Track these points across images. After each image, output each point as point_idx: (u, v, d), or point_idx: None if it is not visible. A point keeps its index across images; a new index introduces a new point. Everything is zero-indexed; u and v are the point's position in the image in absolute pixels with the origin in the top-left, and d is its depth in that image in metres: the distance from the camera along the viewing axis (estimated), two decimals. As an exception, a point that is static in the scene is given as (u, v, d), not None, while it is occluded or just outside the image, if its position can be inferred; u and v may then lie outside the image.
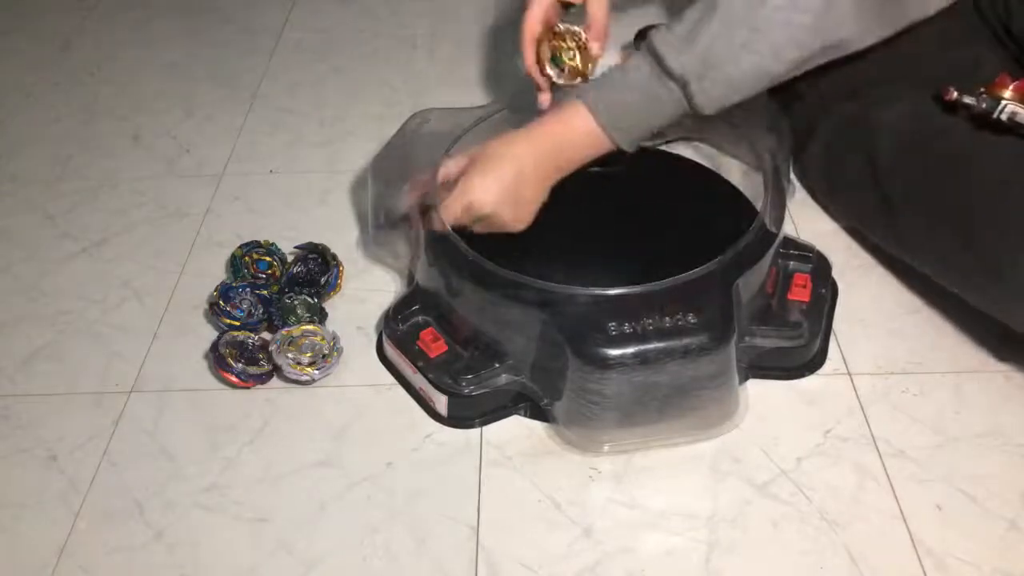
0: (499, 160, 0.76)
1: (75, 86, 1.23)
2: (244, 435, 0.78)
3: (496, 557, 0.68)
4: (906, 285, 0.87)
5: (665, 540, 0.69)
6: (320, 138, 1.11)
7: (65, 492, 0.74)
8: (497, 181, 0.76)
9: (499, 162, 0.76)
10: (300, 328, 0.82)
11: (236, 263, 0.90)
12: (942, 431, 0.75)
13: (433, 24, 1.32)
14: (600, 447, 0.74)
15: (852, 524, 0.69)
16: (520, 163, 0.76)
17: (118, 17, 1.38)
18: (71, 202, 1.04)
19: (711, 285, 0.73)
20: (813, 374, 0.80)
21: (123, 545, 0.71)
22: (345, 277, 0.91)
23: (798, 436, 0.75)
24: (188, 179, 1.06)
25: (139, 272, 0.94)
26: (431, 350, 0.77)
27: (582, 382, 0.71)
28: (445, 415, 0.77)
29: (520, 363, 0.76)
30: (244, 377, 0.80)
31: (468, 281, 0.75)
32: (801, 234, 0.91)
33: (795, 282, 0.81)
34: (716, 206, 0.86)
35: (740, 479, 0.73)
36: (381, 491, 0.73)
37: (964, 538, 0.68)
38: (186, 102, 1.19)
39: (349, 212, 1.00)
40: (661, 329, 0.70)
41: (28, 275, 0.95)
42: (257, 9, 1.38)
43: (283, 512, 0.72)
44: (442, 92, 1.18)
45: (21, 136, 1.15)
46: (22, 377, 0.84)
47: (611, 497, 0.72)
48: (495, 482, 0.73)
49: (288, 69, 1.25)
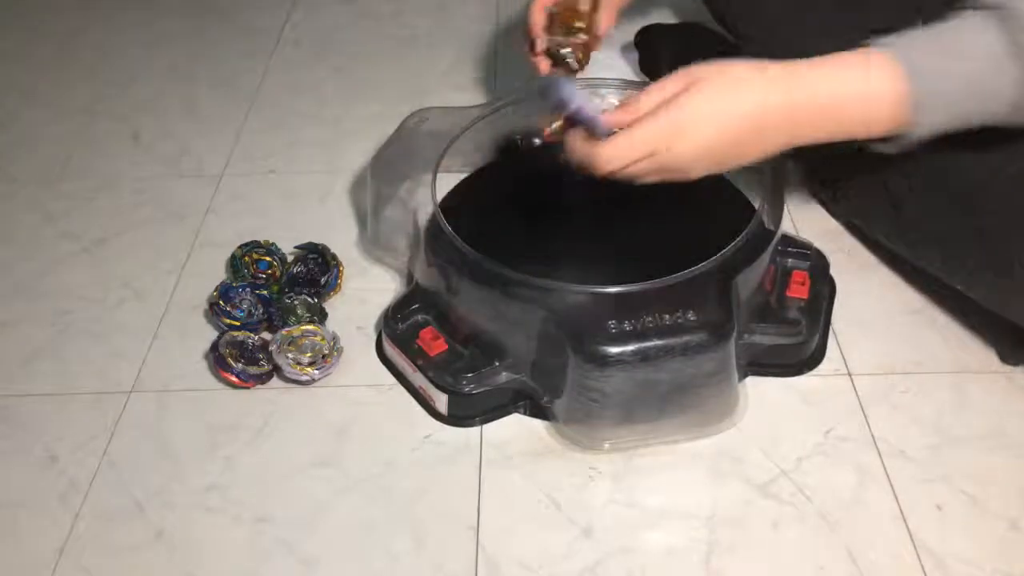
0: (730, 117, 0.57)
1: (75, 86, 1.23)
2: (244, 435, 0.78)
3: (496, 557, 0.68)
4: (906, 285, 0.87)
5: (665, 540, 0.69)
6: (320, 138, 1.11)
7: (65, 492, 0.74)
8: (712, 147, 0.57)
9: (729, 120, 0.57)
10: (300, 328, 0.82)
11: (236, 263, 0.90)
12: (942, 431, 0.75)
13: (433, 24, 1.32)
14: (600, 445, 0.75)
15: (852, 524, 0.69)
16: (757, 122, 0.57)
17: (118, 17, 1.38)
18: (71, 202, 1.04)
19: (710, 282, 0.73)
20: (813, 374, 0.80)
21: (123, 545, 0.71)
22: (345, 277, 0.91)
23: (798, 436, 0.75)
24: (188, 179, 1.06)
25: (139, 272, 0.94)
26: (431, 349, 0.78)
27: (582, 379, 0.71)
28: (445, 414, 0.77)
29: (520, 361, 0.76)
30: (244, 377, 0.80)
31: (468, 279, 0.75)
32: (800, 232, 0.91)
33: (793, 279, 0.81)
34: (715, 204, 0.86)
35: (740, 479, 0.73)
36: (381, 491, 0.73)
37: (964, 538, 0.68)
38: (186, 102, 1.19)
39: (349, 212, 1.00)
40: (661, 326, 0.70)
41: (28, 275, 0.95)
42: (257, 9, 1.38)
43: (283, 512, 0.72)
44: (442, 92, 1.18)
45: (21, 136, 1.15)
46: (22, 377, 0.84)
47: (611, 497, 0.72)
48: (495, 482, 0.73)
49: (288, 69, 1.25)
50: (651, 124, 0.58)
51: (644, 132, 0.59)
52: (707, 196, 0.88)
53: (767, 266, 0.79)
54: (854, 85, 0.56)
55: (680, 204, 0.88)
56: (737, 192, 0.87)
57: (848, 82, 0.57)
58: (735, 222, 0.78)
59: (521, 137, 0.94)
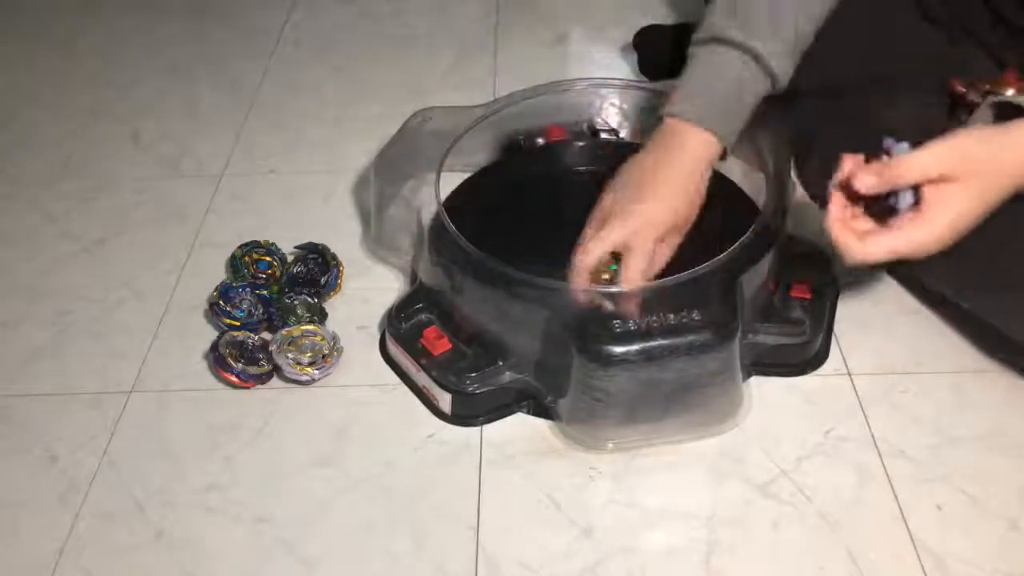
0: (972, 216, 0.62)
1: (75, 87, 1.23)
2: (244, 435, 0.78)
3: (496, 557, 0.68)
4: (906, 285, 0.87)
5: (665, 540, 0.69)
6: (320, 138, 1.11)
7: (65, 492, 0.74)
8: (954, 239, 0.63)
9: (971, 219, 0.62)
10: (300, 328, 0.82)
11: (236, 263, 0.90)
12: (942, 431, 0.75)
13: (433, 24, 1.32)
14: (604, 444, 0.75)
15: (852, 524, 0.69)
16: (990, 207, 0.63)
17: (119, 18, 1.38)
18: (71, 202, 1.04)
19: (715, 282, 0.73)
20: (813, 374, 0.80)
21: (123, 545, 0.71)
22: (345, 277, 0.91)
23: (798, 436, 0.75)
24: (188, 179, 1.06)
25: (139, 272, 0.94)
26: (435, 348, 0.78)
27: (586, 379, 0.71)
28: (449, 413, 0.77)
29: (524, 361, 0.76)
30: (244, 377, 0.80)
31: (472, 279, 0.75)
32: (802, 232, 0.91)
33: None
34: (719, 204, 0.86)
35: (740, 479, 0.73)
36: (381, 491, 0.73)
37: (964, 538, 0.68)
38: (186, 103, 1.19)
39: (349, 212, 1.00)
40: (665, 326, 0.70)
41: (28, 275, 0.95)
42: (257, 9, 1.38)
43: (283, 512, 0.72)
44: (442, 92, 1.18)
45: (21, 136, 1.15)
46: (22, 377, 0.84)
47: (611, 497, 0.72)
48: (495, 482, 0.73)
49: (288, 69, 1.25)
50: (906, 236, 0.62)
51: (898, 243, 0.62)
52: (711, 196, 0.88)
53: (771, 266, 0.79)
54: None
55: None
56: (741, 192, 0.87)
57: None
58: (739, 222, 0.78)
59: (524, 137, 0.94)
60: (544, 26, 1.30)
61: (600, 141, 0.94)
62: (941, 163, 0.62)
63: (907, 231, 0.62)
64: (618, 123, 0.98)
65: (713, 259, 0.74)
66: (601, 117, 0.98)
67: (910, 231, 0.62)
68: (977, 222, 0.63)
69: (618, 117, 0.98)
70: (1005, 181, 0.62)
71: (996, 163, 0.62)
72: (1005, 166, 0.63)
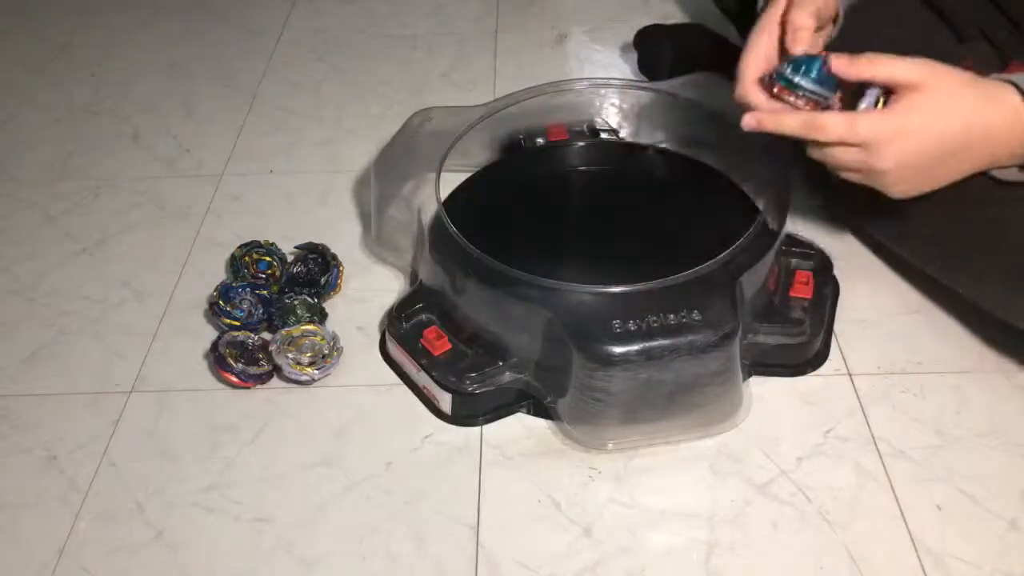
0: (940, 136, 0.62)
1: (75, 86, 1.23)
2: (244, 435, 0.78)
3: (496, 557, 0.68)
4: (907, 285, 0.87)
5: (665, 540, 0.69)
6: (320, 138, 1.11)
7: (65, 492, 0.74)
8: (918, 162, 0.62)
9: (937, 139, 0.62)
10: (300, 328, 0.82)
11: (236, 263, 0.90)
12: (942, 431, 0.75)
13: (433, 24, 1.32)
14: (604, 444, 0.75)
15: (852, 524, 0.69)
16: (962, 141, 0.62)
17: (118, 17, 1.38)
18: (71, 202, 1.04)
19: (715, 282, 0.73)
20: (813, 374, 0.80)
21: (123, 545, 0.71)
22: (345, 277, 0.91)
23: (798, 436, 0.75)
24: (188, 179, 1.06)
25: (139, 272, 0.94)
26: (435, 348, 0.78)
27: (586, 379, 0.71)
28: (449, 413, 0.77)
29: (524, 361, 0.76)
30: (244, 377, 0.80)
31: (472, 279, 0.75)
32: (802, 232, 0.91)
33: (797, 279, 0.81)
34: (719, 204, 0.87)
35: (740, 479, 0.73)
36: (381, 491, 0.73)
37: (964, 538, 0.68)
38: (186, 102, 1.19)
39: (349, 212, 1.00)
40: (665, 326, 0.70)
41: (28, 275, 0.95)
42: (257, 9, 1.38)
43: (283, 512, 0.72)
44: (442, 92, 1.18)
45: (21, 136, 1.15)
46: (22, 377, 0.84)
47: (611, 497, 0.72)
48: (495, 482, 0.73)
49: (288, 69, 1.25)
50: (874, 121, 0.62)
51: (865, 125, 0.62)
52: (711, 196, 0.88)
53: (771, 266, 0.79)
54: None
55: (684, 204, 0.88)
56: (741, 192, 0.87)
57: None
58: (739, 222, 0.78)
59: (524, 137, 0.94)
60: (544, 26, 1.30)
61: (600, 141, 0.94)
62: (913, 70, 0.61)
63: (863, 116, 0.62)
64: (618, 123, 0.98)
65: (713, 259, 0.74)
66: (601, 117, 0.98)
67: (866, 117, 0.62)
68: (933, 173, 0.63)
69: (618, 117, 0.98)
70: (973, 127, 0.61)
71: (967, 99, 0.62)
72: (975, 107, 0.62)
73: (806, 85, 0.65)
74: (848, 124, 0.62)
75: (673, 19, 1.19)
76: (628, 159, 0.93)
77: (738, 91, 0.69)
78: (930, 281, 0.82)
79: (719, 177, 0.91)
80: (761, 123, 0.66)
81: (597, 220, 0.86)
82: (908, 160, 0.63)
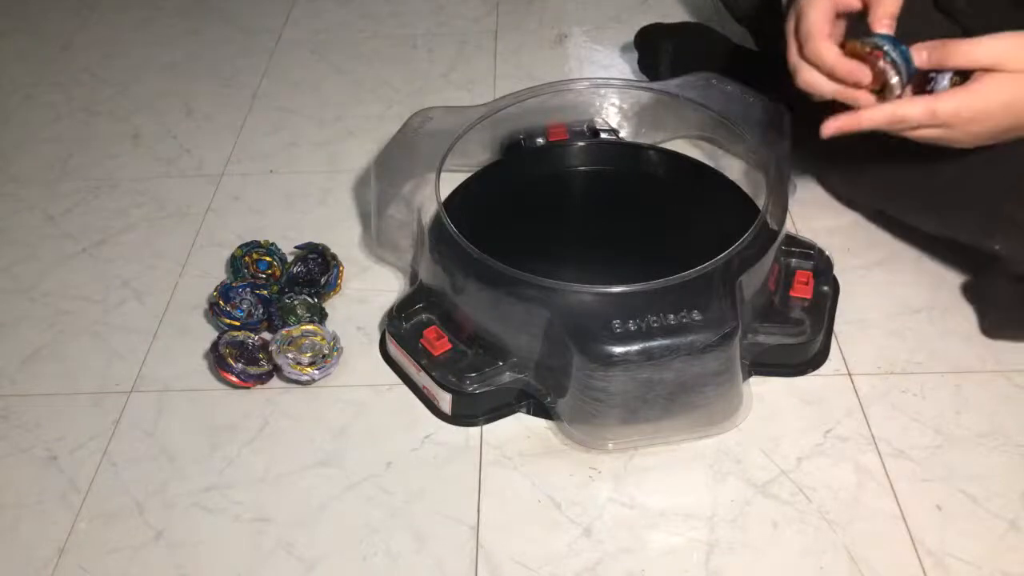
0: (1013, 115, 0.65)
1: (75, 86, 1.24)
2: (244, 435, 0.78)
3: (496, 557, 0.68)
4: (907, 285, 0.87)
5: (665, 540, 0.69)
6: (320, 138, 1.11)
7: (65, 492, 0.74)
8: (996, 132, 0.67)
9: (1018, 111, 0.65)
10: (300, 328, 0.82)
11: (236, 263, 0.90)
12: (942, 431, 0.75)
13: (433, 24, 1.32)
14: (604, 444, 0.75)
15: (852, 524, 0.69)
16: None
17: (118, 17, 1.38)
18: (71, 202, 1.04)
19: (715, 282, 0.73)
20: (813, 374, 0.80)
21: (123, 545, 0.71)
22: (345, 277, 0.91)
23: (798, 436, 0.75)
24: (188, 179, 1.06)
25: (139, 272, 0.94)
26: (435, 348, 0.78)
27: (586, 379, 0.71)
28: (449, 413, 0.77)
29: (524, 361, 0.76)
30: (244, 377, 0.80)
31: (473, 279, 0.75)
32: (802, 232, 0.91)
33: (797, 279, 0.81)
34: (718, 204, 0.87)
35: (740, 479, 0.73)
36: (381, 491, 0.73)
37: (964, 538, 0.68)
38: (186, 102, 1.19)
39: (349, 212, 1.00)
40: (665, 326, 0.70)
41: (28, 275, 0.95)
42: (257, 9, 1.38)
43: (283, 512, 0.72)
44: (442, 92, 1.18)
45: (21, 136, 1.15)
46: (22, 377, 0.84)
47: (611, 497, 0.72)
48: (495, 482, 0.73)
49: (288, 69, 1.25)
50: (954, 104, 0.65)
51: (945, 109, 0.65)
52: (711, 196, 0.88)
53: (771, 266, 0.79)
54: None
55: (684, 204, 0.88)
56: (741, 192, 0.87)
57: None
58: (739, 222, 0.78)
59: (524, 136, 0.94)
60: (544, 26, 1.30)
61: (600, 141, 0.94)
62: (991, 53, 0.64)
63: (942, 101, 0.64)
64: (618, 123, 0.98)
65: (713, 259, 0.74)
66: (601, 117, 0.98)
67: (946, 102, 0.64)
68: (1004, 137, 0.66)
69: (618, 117, 0.98)
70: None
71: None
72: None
73: (899, 60, 0.67)
74: (929, 112, 0.65)
75: (673, 19, 1.19)
76: (628, 159, 0.93)
77: (810, 48, 0.69)
78: (930, 281, 0.82)
79: (719, 177, 0.91)
80: (842, 127, 0.68)
81: (597, 220, 0.86)
82: (984, 133, 0.66)
